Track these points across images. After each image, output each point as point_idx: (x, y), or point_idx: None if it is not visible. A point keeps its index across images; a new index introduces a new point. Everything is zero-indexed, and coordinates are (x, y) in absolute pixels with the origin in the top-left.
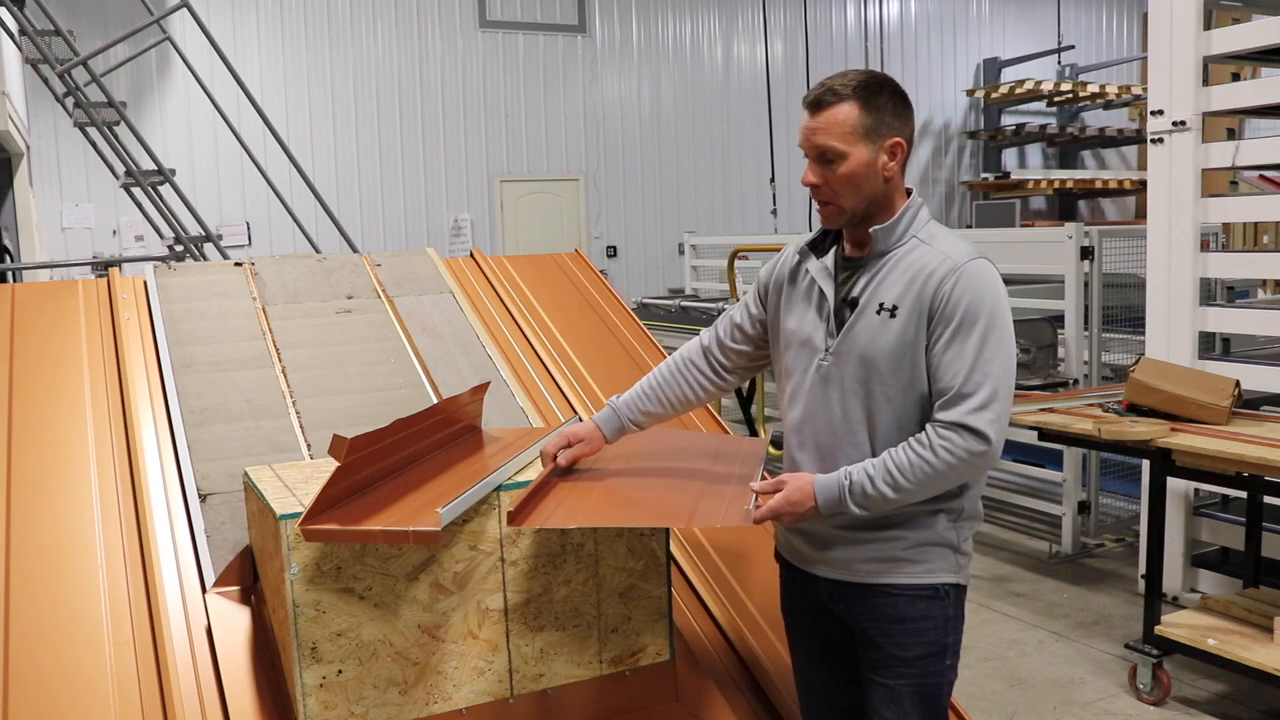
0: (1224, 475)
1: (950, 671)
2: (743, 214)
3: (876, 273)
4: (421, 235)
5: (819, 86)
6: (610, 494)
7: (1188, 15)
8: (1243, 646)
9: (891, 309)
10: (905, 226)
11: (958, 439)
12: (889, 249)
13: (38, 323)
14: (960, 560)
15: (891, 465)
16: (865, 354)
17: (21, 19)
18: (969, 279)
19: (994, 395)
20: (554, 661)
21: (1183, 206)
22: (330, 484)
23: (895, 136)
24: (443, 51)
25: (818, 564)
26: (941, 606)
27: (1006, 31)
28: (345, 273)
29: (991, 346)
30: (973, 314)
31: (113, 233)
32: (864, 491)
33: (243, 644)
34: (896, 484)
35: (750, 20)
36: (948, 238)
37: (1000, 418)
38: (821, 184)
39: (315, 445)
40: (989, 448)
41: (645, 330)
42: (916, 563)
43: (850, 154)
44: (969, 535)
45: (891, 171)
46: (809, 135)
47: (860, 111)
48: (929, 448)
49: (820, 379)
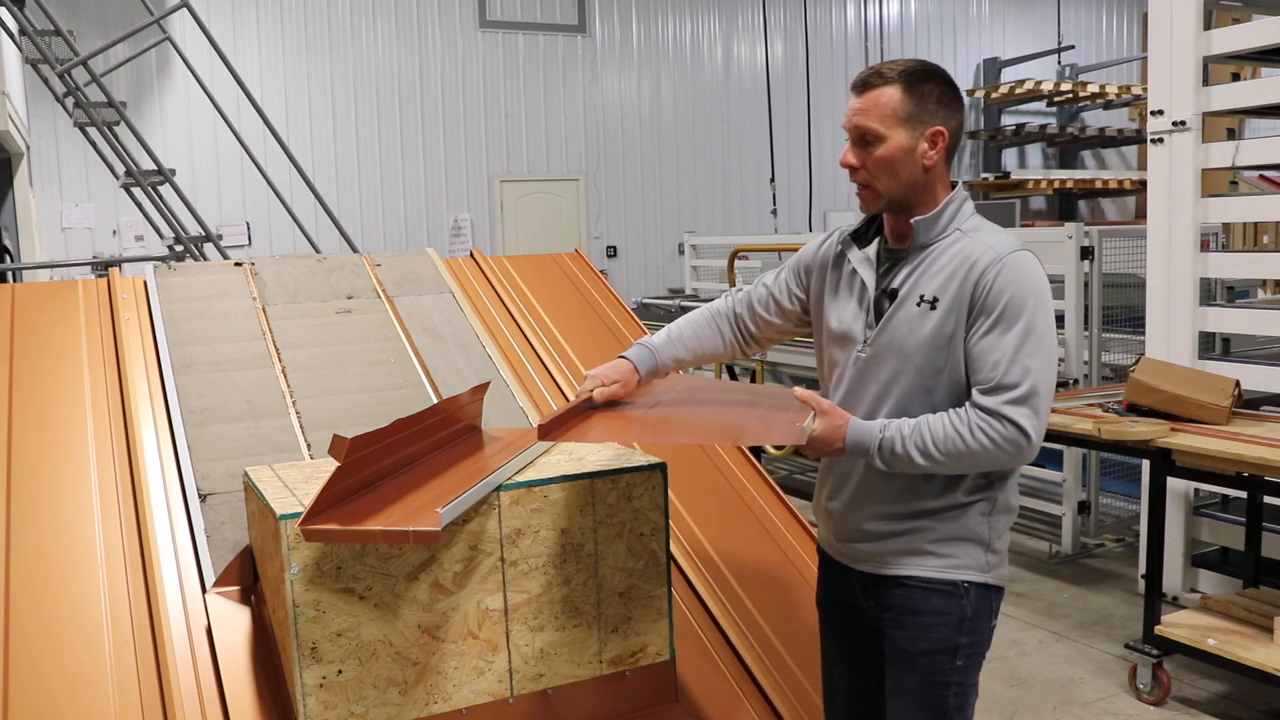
0: (1224, 475)
1: (961, 674)
2: (743, 214)
3: (918, 264)
4: (421, 235)
5: (867, 70)
6: (658, 419)
7: (1188, 15)
8: (1243, 646)
9: (932, 301)
10: (949, 219)
11: (996, 425)
12: (931, 241)
13: (38, 323)
14: (990, 559)
15: (926, 431)
16: (903, 346)
17: (21, 19)
18: (1012, 270)
19: (1034, 390)
20: (554, 661)
21: (1183, 206)
22: (330, 484)
23: (937, 125)
24: (443, 51)
25: (854, 557)
26: (958, 604)
27: (1006, 31)
28: (345, 273)
29: (1032, 341)
30: (1015, 306)
31: (113, 233)
32: (892, 449)
33: (243, 644)
34: (926, 450)
35: (750, 20)
36: (991, 230)
37: (1039, 414)
38: (859, 166)
39: (315, 445)
40: (1026, 444)
41: (645, 330)
42: (940, 556)
43: (888, 137)
44: (1003, 531)
45: (931, 160)
46: (851, 115)
47: (903, 96)
48: (966, 425)
49: (858, 370)
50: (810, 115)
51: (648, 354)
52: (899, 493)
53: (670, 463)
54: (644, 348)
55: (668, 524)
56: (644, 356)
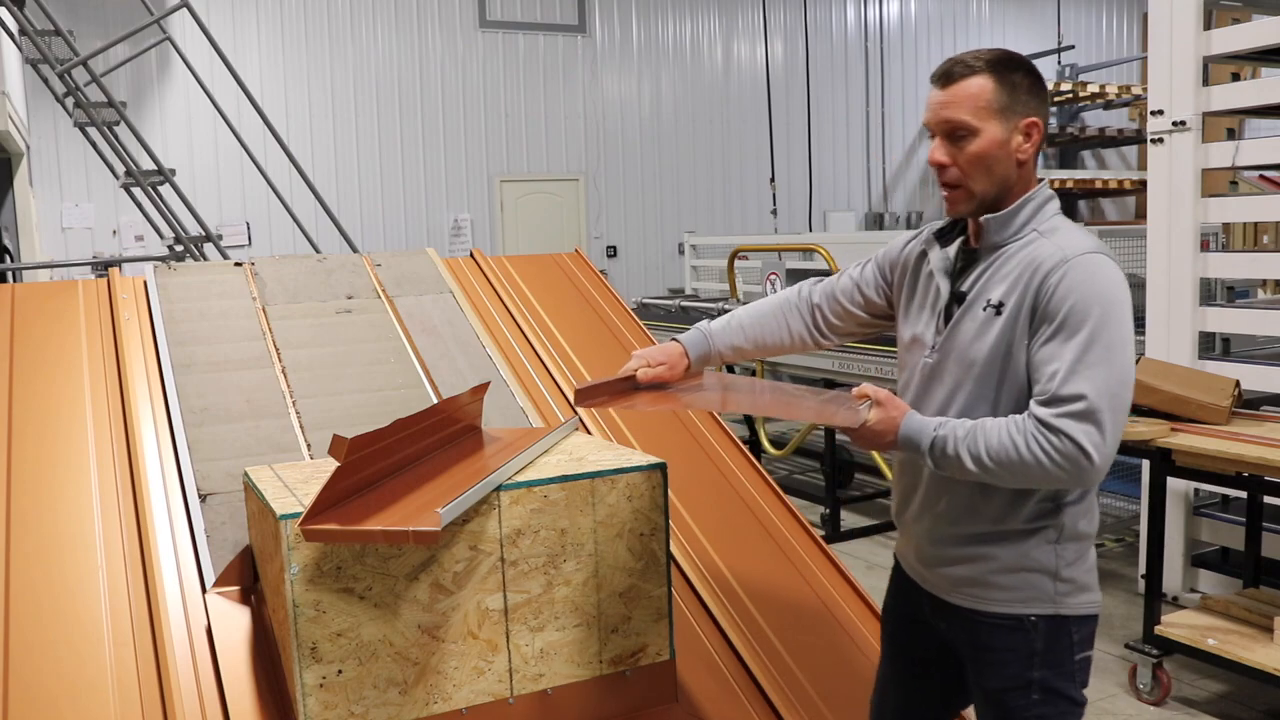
0: (1224, 475)
1: (1039, 707)
2: (743, 214)
3: (989, 266)
4: (421, 235)
5: (949, 60)
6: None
7: (1188, 15)
8: (1243, 646)
9: (998, 306)
10: (1025, 219)
11: (1053, 439)
12: (1004, 242)
13: (38, 323)
14: (1060, 587)
15: (981, 435)
16: (966, 352)
17: (21, 19)
18: (1079, 273)
19: (1096, 407)
20: (554, 661)
21: (1183, 206)
22: (330, 484)
23: (1031, 116)
24: (443, 51)
25: (923, 577)
26: (1025, 639)
27: (1006, 31)
28: (345, 273)
29: (1097, 351)
30: (1079, 313)
31: (113, 233)
32: (944, 449)
33: (243, 644)
34: (978, 456)
35: (750, 20)
36: (1069, 231)
37: (1105, 433)
38: (950, 163)
39: (315, 445)
40: (1088, 464)
41: (645, 330)
42: (1005, 589)
43: (982, 130)
44: (1076, 558)
45: (1026, 154)
46: (938, 110)
47: (995, 86)
48: (1022, 434)
49: (924, 377)
50: (810, 115)
51: (701, 338)
52: (959, 512)
53: (670, 463)
54: (699, 331)
55: (668, 524)
56: (696, 340)
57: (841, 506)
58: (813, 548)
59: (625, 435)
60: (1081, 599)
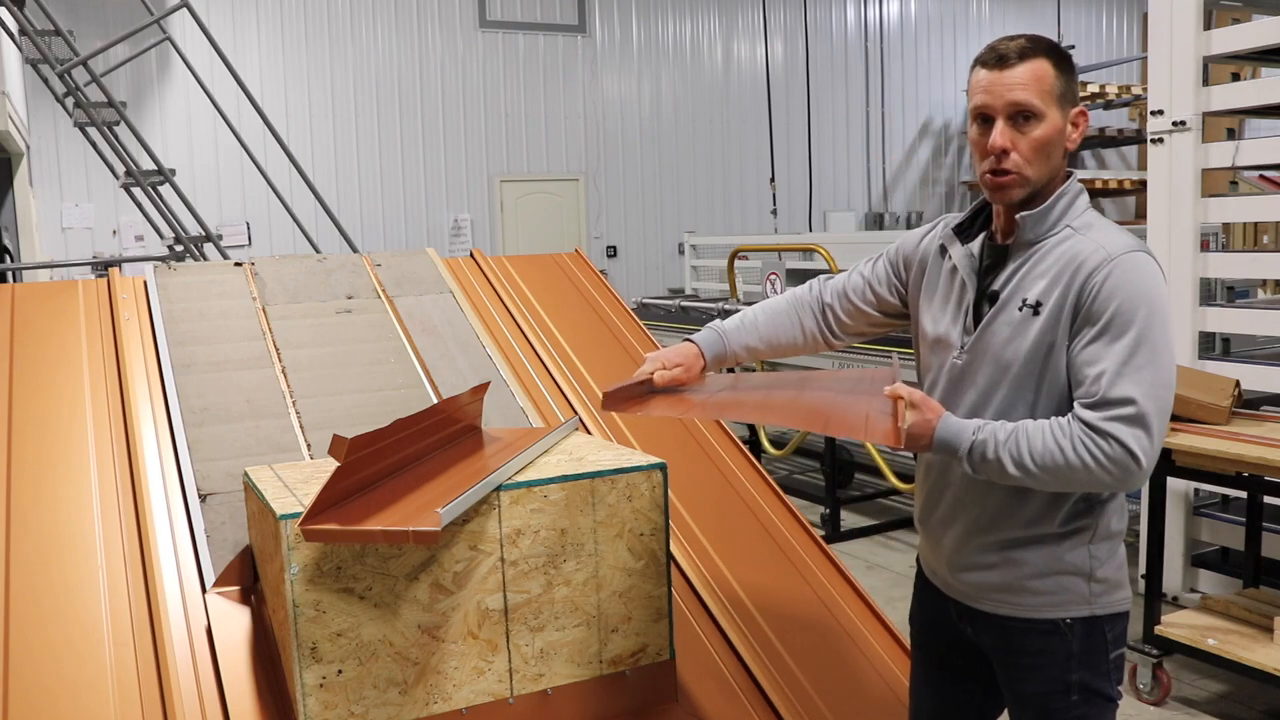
0: (1224, 475)
1: (1079, 708)
2: (743, 214)
3: (1023, 264)
4: (421, 235)
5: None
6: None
7: (1188, 15)
8: (1243, 646)
9: (1035, 305)
10: (1060, 214)
11: (1101, 444)
12: (1039, 238)
13: (38, 323)
14: (1094, 588)
15: (1024, 439)
16: (1000, 354)
17: (21, 19)
18: (1125, 273)
19: (1145, 410)
20: (554, 661)
21: (1183, 206)
22: (330, 484)
23: (1079, 106)
24: (443, 51)
25: (949, 585)
26: (1062, 642)
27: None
28: (345, 273)
29: (1144, 353)
30: (1126, 313)
31: (113, 233)
32: (984, 455)
33: (243, 644)
34: (1020, 461)
35: (750, 20)
36: (1105, 227)
37: (1153, 436)
38: (1012, 148)
39: (315, 445)
40: (1136, 468)
41: (645, 330)
42: (1038, 594)
43: (1047, 115)
44: (1109, 556)
45: (1074, 144)
46: (1004, 92)
47: (1055, 71)
48: (1069, 438)
49: (952, 378)
50: (810, 115)
51: (716, 338)
52: (992, 517)
53: (670, 463)
54: (713, 331)
55: (668, 524)
56: (711, 340)
57: (841, 506)
58: (813, 548)
59: (625, 435)
60: (1115, 597)
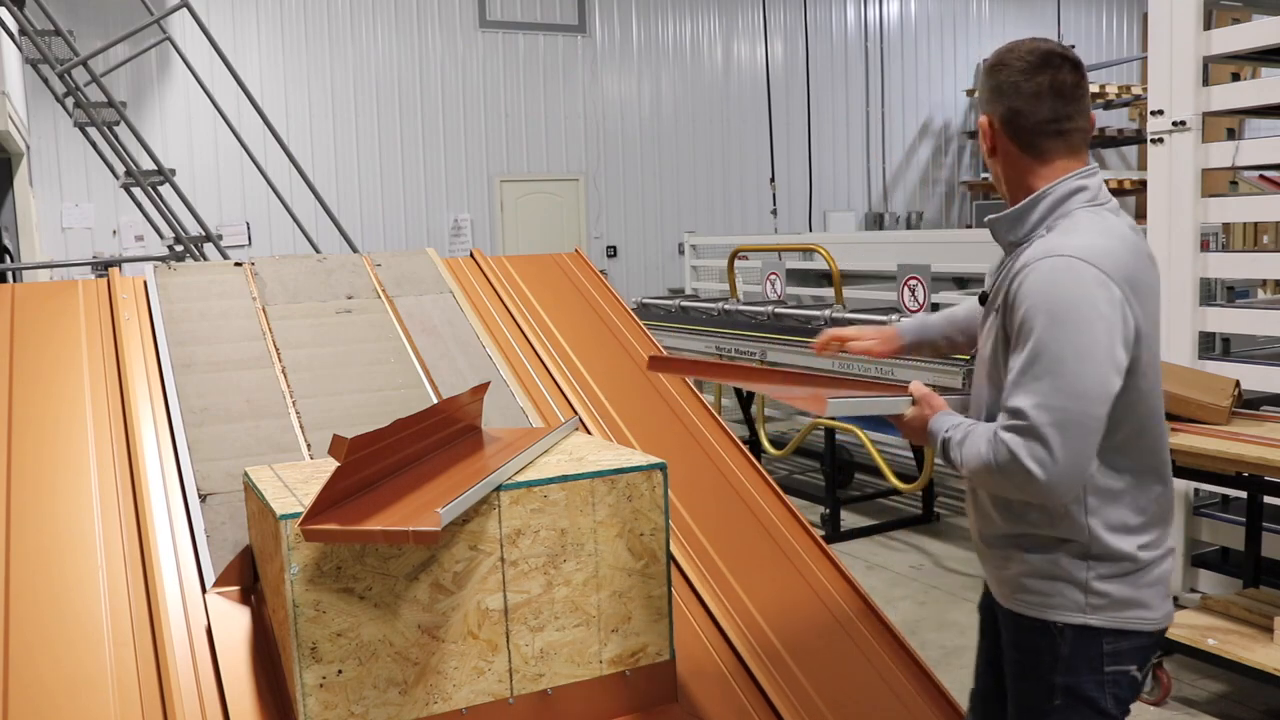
0: (1224, 475)
1: (1059, 713)
2: (743, 214)
3: (1007, 267)
4: (421, 235)
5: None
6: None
7: (1188, 15)
8: (1243, 646)
9: (997, 308)
10: (1040, 216)
11: (1000, 453)
12: (1017, 241)
13: (38, 323)
14: (1091, 600)
15: (967, 444)
16: (981, 354)
17: (21, 19)
18: (1036, 280)
19: (1036, 422)
20: (554, 661)
21: (1183, 206)
22: (330, 484)
23: (984, 113)
24: (443, 51)
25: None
26: (1051, 644)
27: (1006, 31)
28: (345, 273)
29: (1043, 363)
30: (1028, 321)
31: (113, 233)
32: (945, 449)
33: (243, 644)
34: (962, 462)
35: (750, 20)
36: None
37: (1053, 449)
38: None
39: (315, 445)
40: (1033, 480)
41: (645, 330)
42: (1033, 593)
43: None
44: (1109, 576)
45: (984, 150)
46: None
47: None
48: (988, 446)
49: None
50: (810, 115)
51: (917, 324)
52: (985, 510)
53: (670, 463)
54: (916, 319)
55: (668, 524)
56: (913, 326)
57: (841, 506)
58: (813, 548)
59: (625, 435)
60: (1125, 614)
